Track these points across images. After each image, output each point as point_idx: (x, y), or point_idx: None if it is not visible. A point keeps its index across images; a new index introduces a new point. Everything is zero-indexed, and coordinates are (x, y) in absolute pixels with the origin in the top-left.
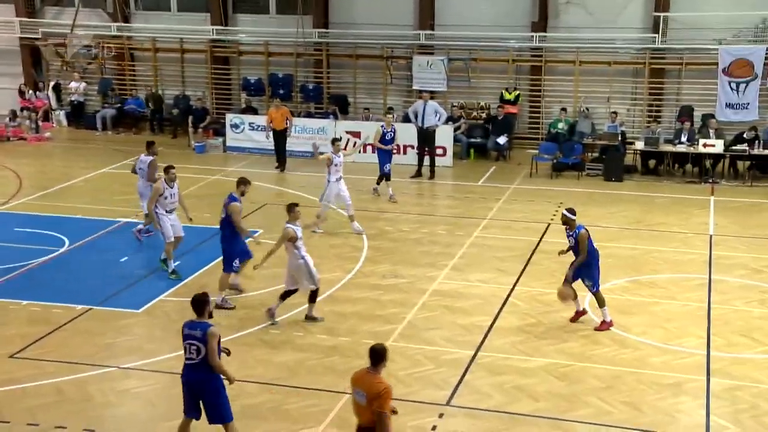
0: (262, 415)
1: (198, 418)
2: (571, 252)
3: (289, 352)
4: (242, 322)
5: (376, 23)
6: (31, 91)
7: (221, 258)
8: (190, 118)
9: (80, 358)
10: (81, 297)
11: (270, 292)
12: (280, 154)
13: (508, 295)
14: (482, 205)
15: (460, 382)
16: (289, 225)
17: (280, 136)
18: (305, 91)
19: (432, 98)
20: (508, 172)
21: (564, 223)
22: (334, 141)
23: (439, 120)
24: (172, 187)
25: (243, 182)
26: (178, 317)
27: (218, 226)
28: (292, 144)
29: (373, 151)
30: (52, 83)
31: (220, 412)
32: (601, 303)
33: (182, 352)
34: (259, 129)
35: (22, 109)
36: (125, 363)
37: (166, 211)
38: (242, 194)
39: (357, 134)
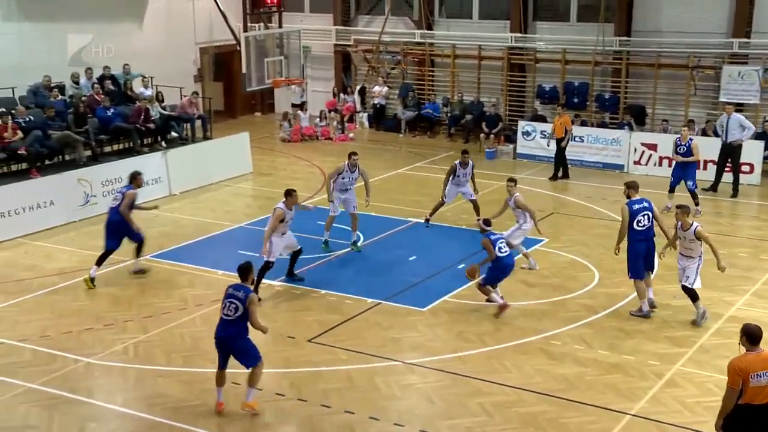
0: (540, 425)
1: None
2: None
3: (569, 365)
4: (523, 331)
5: (682, 31)
6: (342, 95)
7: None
8: (484, 124)
9: (369, 349)
10: (371, 291)
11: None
12: (556, 163)
13: None
14: None
15: None
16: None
17: (558, 145)
18: (600, 100)
19: (738, 111)
20: None
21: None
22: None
23: (744, 134)
24: (353, 172)
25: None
26: (460, 318)
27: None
28: (582, 153)
29: (670, 165)
30: (358, 87)
31: (250, 357)
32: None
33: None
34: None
35: (330, 111)
36: (409, 358)
37: (339, 190)
38: None
39: (653, 146)
